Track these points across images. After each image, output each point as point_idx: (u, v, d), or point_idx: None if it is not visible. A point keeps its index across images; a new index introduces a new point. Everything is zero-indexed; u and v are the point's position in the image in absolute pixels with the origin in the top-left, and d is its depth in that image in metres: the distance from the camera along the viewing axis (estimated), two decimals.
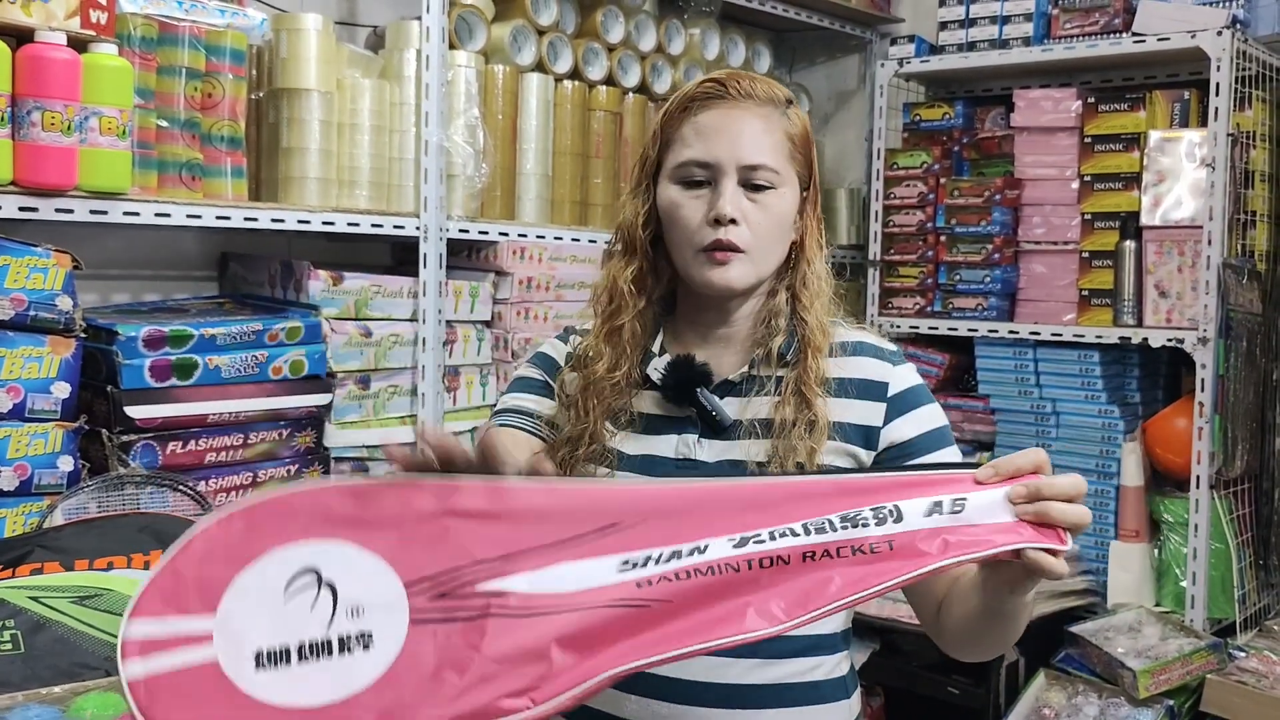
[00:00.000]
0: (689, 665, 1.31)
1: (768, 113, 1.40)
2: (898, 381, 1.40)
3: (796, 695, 1.36)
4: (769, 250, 1.40)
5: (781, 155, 1.39)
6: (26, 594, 1.61)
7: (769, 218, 1.38)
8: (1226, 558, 2.77)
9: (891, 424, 1.38)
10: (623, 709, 1.35)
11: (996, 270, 3.08)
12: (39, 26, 1.85)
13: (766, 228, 1.38)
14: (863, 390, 1.39)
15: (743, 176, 1.37)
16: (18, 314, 1.88)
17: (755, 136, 1.38)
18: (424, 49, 2.42)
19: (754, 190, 1.38)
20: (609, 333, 1.44)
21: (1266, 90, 2.89)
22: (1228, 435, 2.77)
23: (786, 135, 1.40)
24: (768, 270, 1.42)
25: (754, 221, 1.37)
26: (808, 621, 1.02)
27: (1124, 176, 2.92)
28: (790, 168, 1.40)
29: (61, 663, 1.53)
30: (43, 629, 1.57)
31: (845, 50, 3.63)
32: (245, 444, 2.18)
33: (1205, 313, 2.75)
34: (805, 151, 1.44)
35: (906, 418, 1.39)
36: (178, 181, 2.11)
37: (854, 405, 1.38)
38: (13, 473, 1.88)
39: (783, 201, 1.39)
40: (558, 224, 2.75)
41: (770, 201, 1.38)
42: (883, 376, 1.40)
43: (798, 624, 1.01)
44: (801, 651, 1.36)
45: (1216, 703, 2.53)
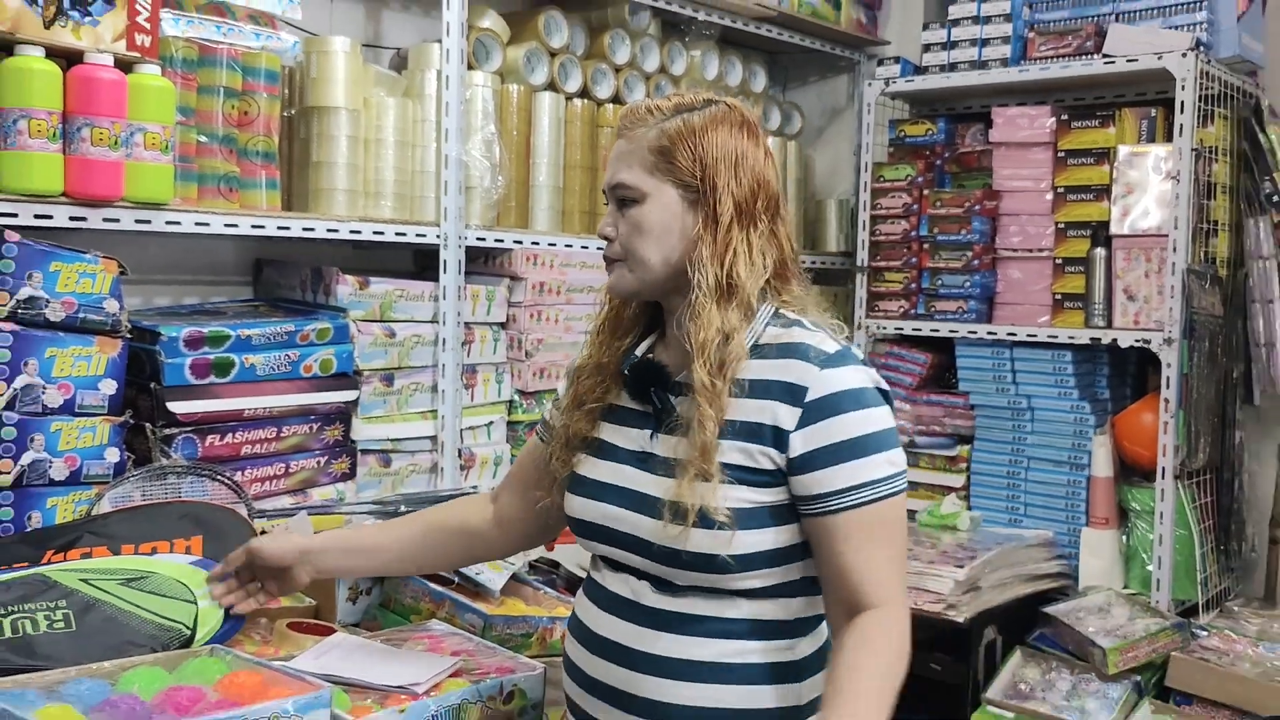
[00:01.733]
0: (621, 628, 1.40)
1: (637, 134, 1.42)
2: (819, 387, 1.32)
3: (732, 674, 1.36)
4: (642, 257, 1.41)
5: (641, 169, 1.40)
6: (77, 576, 1.61)
7: (632, 229, 1.41)
8: (1190, 543, 2.78)
9: (800, 432, 1.32)
10: (594, 669, 1.43)
11: (976, 276, 3.09)
12: (88, 49, 1.85)
13: (631, 238, 1.41)
14: (782, 393, 1.34)
15: (612, 197, 1.44)
16: (68, 316, 1.88)
17: (617, 159, 1.44)
18: (444, 70, 2.42)
19: (622, 206, 1.42)
20: (594, 330, 1.54)
21: (1227, 108, 2.90)
22: (1191, 429, 2.78)
23: (649, 149, 1.40)
24: (650, 276, 1.42)
25: (621, 234, 1.42)
26: None
27: (1095, 188, 2.93)
28: (655, 179, 1.40)
29: (110, 640, 1.53)
30: (92, 609, 1.57)
31: (835, 71, 3.63)
32: (278, 437, 2.18)
33: (1170, 315, 2.76)
34: (685, 155, 1.38)
35: (816, 428, 1.32)
36: (216, 193, 2.11)
37: (769, 406, 1.34)
38: (63, 463, 1.88)
39: (648, 212, 1.40)
40: (568, 232, 2.75)
41: (633, 214, 1.41)
42: (803, 380, 1.33)
43: None
44: (741, 635, 1.37)
45: (1180, 679, 2.53)
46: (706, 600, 1.36)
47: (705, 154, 1.38)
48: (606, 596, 1.43)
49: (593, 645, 1.43)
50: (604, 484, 1.43)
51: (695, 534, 1.31)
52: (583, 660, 1.44)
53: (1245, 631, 2.67)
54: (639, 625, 1.38)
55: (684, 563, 1.33)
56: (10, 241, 1.82)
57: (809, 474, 1.32)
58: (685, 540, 1.31)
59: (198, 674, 1.46)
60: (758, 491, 1.34)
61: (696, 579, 1.35)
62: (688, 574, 1.35)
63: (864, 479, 1.32)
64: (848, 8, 3.38)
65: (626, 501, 1.40)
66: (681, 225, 1.40)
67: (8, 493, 1.83)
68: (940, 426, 3.16)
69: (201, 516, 1.82)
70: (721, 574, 1.33)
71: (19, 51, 1.79)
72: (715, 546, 1.31)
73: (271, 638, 1.78)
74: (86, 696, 1.37)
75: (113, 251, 1.95)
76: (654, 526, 1.34)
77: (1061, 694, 2.56)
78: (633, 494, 1.39)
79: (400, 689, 1.56)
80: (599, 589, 1.45)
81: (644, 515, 1.37)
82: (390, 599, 2.01)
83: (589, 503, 1.44)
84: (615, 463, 1.44)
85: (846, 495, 1.32)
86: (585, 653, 1.44)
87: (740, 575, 1.33)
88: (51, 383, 1.86)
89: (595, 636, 1.43)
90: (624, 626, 1.39)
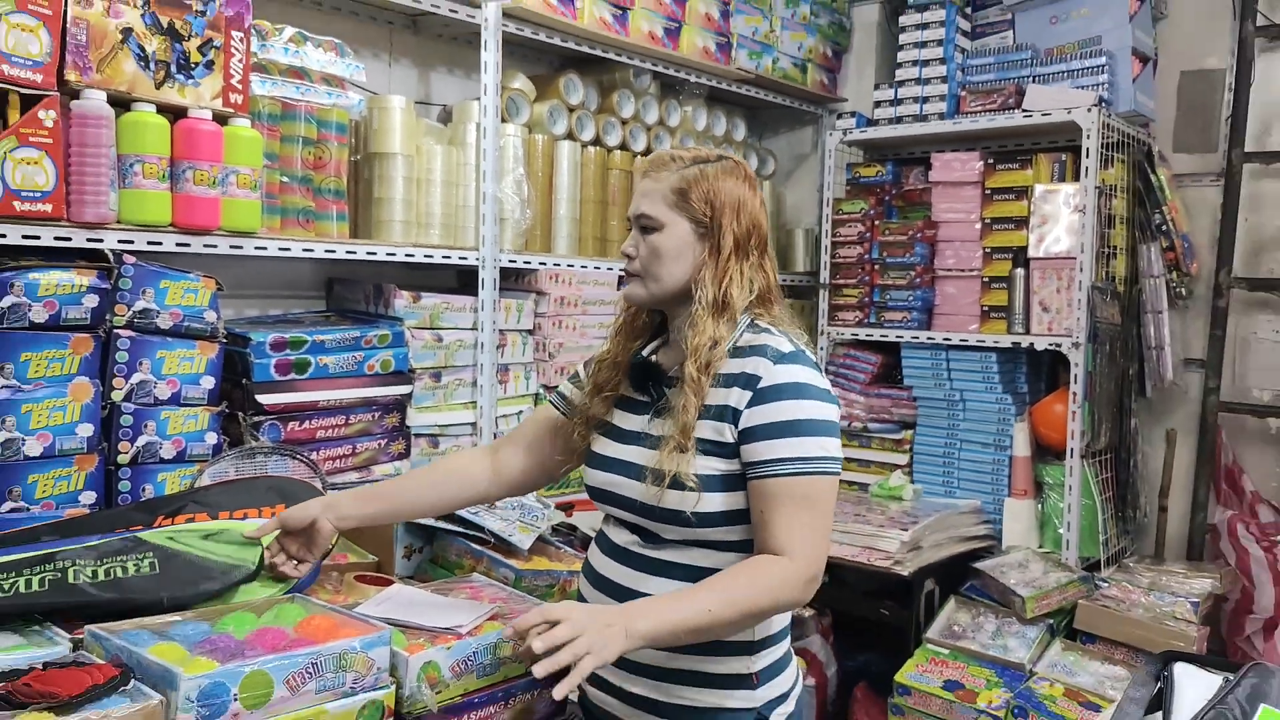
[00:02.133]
0: (620, 571, 1.46)
1: (661, 175, 1.46)
2: (770, 377, 1.36)
3: (701, 680, 1.40)
4: (657, 274, 1.45)
5: (663, 204, 1.44)
6: (165, 535, 1.61)
7: (650, 251, 1.45)
8: (1093, 511, 2.79)
9: (749, 410, 1.35)
10: (591, 598, 1.50)
11: (918, 291, 3.09)
12: (191, 105, 1.86)
13: (649, 258, 1.45)
14: (743, 382, 1.37)
15: (636, 224, 1.47)
16: (175, 324, 1.89)
17: (643, 195, 1.46)
18: (482, 122, 2.43)
19: (643, 232, 1.46)
20: (614, 329, 1.58)
21: (1124, 153, 2.90)
22: (1094, 417, 2.78)
23: (672, 189, 1.43)
24: (662, 290, 1.45)
25: (641, 254, 1.46)
26: None
27: (1015, 219, 2.93)
28: (673, 212, 1.43)
29: (186, 576, 1.52)
30: (174, 557, 1.55)
31: (802, 123, 3.63)
32: (346, 423, 2.19)
33: (1077, 324, 2.76)
34: (699, 198, 1.42)
35: (762, 408, 1.35)
36: (295, 223, 2.12)
37: (733, 393, 1.37)
38: (171, 445, 1.89)
39: (665, 239, 1.44)
40: (584, 255, 2.76)
41: (652, 239, 1.45)
42: (758, 371, 1.37)
43: None
44: (709, 651, 1.39)
45: (1086, 621, 2.54)
46: (680, 550, 1.41)
47: (715, 198, 1.42)
48: (610, 546, 1.50)
49: (599, 585, 1.50)
50: (612, 458, 1.49)
51: (669, 494, 1.37)
52: (590, 596, 1.51)
53: (1139, 583, 2.67)
54: (633, 569, 1.45)
55: (659, 517, 1.40)
56: (129, 264, 1.82)
57: (752, 444, 1.35)
58: (660, 499, 1.37)
59: (281, 618, 1.47)
60: (721, 462, 1.37)
61: (671, 531, 1.41)
62: (663, 526, 1.41)
63: (796, 454, 1.33)
64: (813, 71, 3.38)
65: (626, 471, 1.45)
66: (691, 252, 1.43)
67: (126, 469, 1.84)
68: (889, 415, 3.17)
69: (284, 488, 1.82)
70: (687, 527, 1.38)
71: (135, 108, 1.81)
72: (683, 504, 1.37)
73: (341, 588, 1.78)
74: (190, 636, 1.37)
75: (211, 272, 1.96)
76: (640, 489, 1.41)
77: (988, 634, 2.56)
78: (630, 465, 1.45)
79: (446, 630, 1.56)
80: (606, 540, 1.51)
81: (634, 480, 1.43)
82: (438, 556, 2.01)
83: (600, 473, 1.50)
84: (622, 442, 1.49)
85: (780, 465, 1.34)
86: (593, 590, 1.51)
87: (703, 530, 1.38)
88: (162, 379, 1.87)
89: (601, 577, 1.49)
90: (621, 570, 1.46)
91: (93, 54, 1.73)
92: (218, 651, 1.32)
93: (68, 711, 1.13)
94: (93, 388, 1.78)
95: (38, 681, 1.16)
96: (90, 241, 1.76)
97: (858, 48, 3.52)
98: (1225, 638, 2.81)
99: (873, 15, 3.47)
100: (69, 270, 1.74)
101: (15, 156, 1.63)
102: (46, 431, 1.73)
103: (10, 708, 1.14)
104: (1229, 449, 2.96)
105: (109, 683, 1.18)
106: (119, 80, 1.77)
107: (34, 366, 1.71)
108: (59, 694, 1.14)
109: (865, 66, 3.50)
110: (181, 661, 1.25)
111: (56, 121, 1.67)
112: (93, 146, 1.72)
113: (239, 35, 1.92)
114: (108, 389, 1.81)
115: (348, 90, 2.23)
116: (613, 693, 1.49)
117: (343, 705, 1.35)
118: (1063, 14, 2.98)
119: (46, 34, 1.67)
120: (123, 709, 1.16)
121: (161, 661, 1.24)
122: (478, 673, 1.55)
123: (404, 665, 1.45)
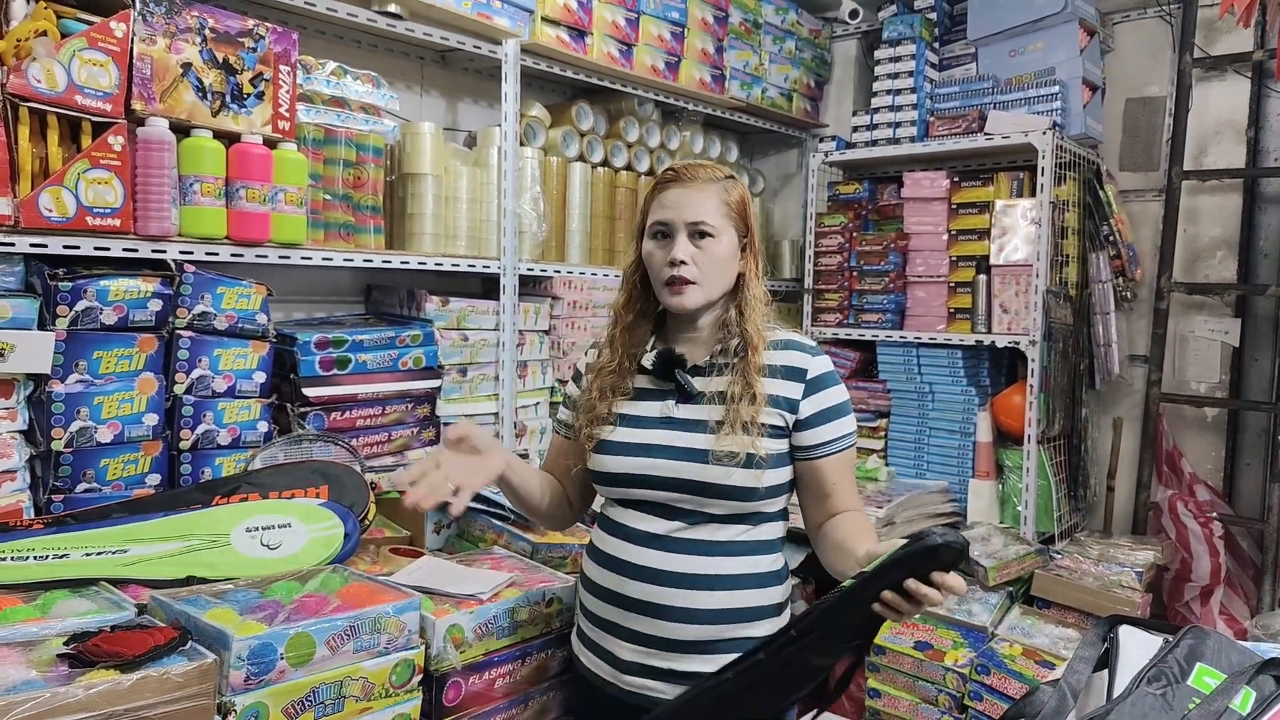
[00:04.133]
0: (653, 556, 1.36)
1: (707, 187, 1.40)
2: (814, 369, 1.39)
3: (744, 582, 1.36)
4: (714, 279, 1.40)
5: (718, 214, 1.40)
6: None
7: (709, 257, 1.39)
8: (1048, 491, 2.77)
9: (807, 399, 1.38)
10: (626, 589, 1.38)
11: (891, 295, 3.07)
12: (244, 131, 1.86)
13: (708, 263, 1.39)
14: (789, 374, 1.38)
15: (690, 230, 1.38)
16: (230, 326, 1.89)
17: (699, 202, 1.39)
18: (503, 146, 2.42)
19: (699, 238, 1.39)
20: (609, 339, 1.50)
21: (1076, 171, 2.88)
22: (1049, 407, 2.76)
23: (722, 201, 1.40)
24: (716, 293, 1.41)
25: (700, 260, 1.39)
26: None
27: (978, 231, 2.91)
28: (726, 223, 1.40)
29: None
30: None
31: (788, 145, 3.62)
32: (383, 414, 2.19)
33: (1034, 324, 2.74)
34: (741, 212, 1.42)
35: (815, 396, 1.38)
36: (337, 236, 2.12)
37: (782, 384, 1.37)
38: (227, 433, 1.89)
39: (720, 245, 1.39)
40: (594, 264, 2.75)
41: (710, 246, 1.39)
42: (803, 365, 1.39)
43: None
44: (750, 552, 1.37)
45: (1042, 589, 2.53)
46: (725, 527, 1.36)
47: (747, 210, 1.43)
48: (637, 533, 1.39)
49: (625, 570, 1.38)
50: (636, 444, 1.40)
51: (737, 472, 1.33)
52: (613, 583, 1.40)
53: (1089, 555, 2.65)
54: (669, 552, 1.36)
55: (725, 494, 1.34)
56: (189, 272, 1.82)
57: (814, 429, 1.38)
58: (729, 477, 1.33)
59: (323, 585, 1.47)
60: (779, 442, 1.37)
61: (731, 507, 1.35)
62: (725, 503, 1.35)
63: (846, 431, 1.40)
64: (797, 100, 3.36)
65: (667, 453, 1.37)
66: (736, 258, 1.42)
67: (187, 454, 1.85)
68: (866, 405, 3.15)
69: (327, 471, 1.83)
70: (749, 502, 1.35)
71: (194, 134, 1.80)
72: (751, 481, 1.34)
73: (379, 559, 1.78)
74: (242, 601, 1.37)
75: (262, 279, 1.97)
76: (700, 469, 1.34)
77: (954, 600, 2.55)
78: (672, 448, 1.37)
79: (470, 596, 1.56)
80: (626, 529, 1.40)
81: (688, 462, 1.35)
82: (464, 530, 2.01)
83: (623, 459, 1.40)
84: (643, 428, 1.41)
85: (838, 443, 1.39)
86: (616, 577, 1.39)
87: (763, 503, 1.37)
88: (218, 374, 1.87)
89: (626, 563, 1.38)
90: (656, 554, 1.36)
91: (156, 86, 1.73)
92: (266, 614, 1.32)
93: (132, 669, 1.13)
94: (157, 382, 1.78)
95: (106, 643, 1.16)
96: (154, 252, 1.76)
97: (838, 79, 3.49)
98: (1166, 603, 2.79)
99: (851, 50, 3.45)
100: (136, 278, 1.75)
101: (88, 177, 1.63)
102: (116, 421, 1.73)
103: (82, 665, 1.14)
104: (1169, 435, 2.94)
105: (169, 643, 1.18)
106: (180, 109, 1.76)
107: (105, 363, 1.71)
108: (124, 653, 1.14)
109: (844, 95, 3.48)
110: (234, 624, 1.25)
111: (124, 146, 1.67)
112: (156, 168, 1.72)
113: (286, 69, 1.91)
114: (170, 383, 1.81)
115: (383, 117, 2.23)
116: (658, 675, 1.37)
117: (377, 664, 1.35)
118: (1020, 48, 2.96)
119: (115, 68, 1.66)
120: (181, 667, 1.15)
121: (216, 624, 1.24)
122: (497, 634, 1.55)
123: (432, 628, 1.45)
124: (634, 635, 1.37)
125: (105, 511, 1.63)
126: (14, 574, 1.41)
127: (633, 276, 1.49)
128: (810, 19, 3.38)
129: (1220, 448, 2.90)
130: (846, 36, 3.45)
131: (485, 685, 1.52)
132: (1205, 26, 2.87)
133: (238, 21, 1.84)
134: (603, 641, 1.41)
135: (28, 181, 1.58)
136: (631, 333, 1.48)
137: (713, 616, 1.34)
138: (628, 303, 1.49)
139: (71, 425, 1.67)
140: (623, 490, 1.42)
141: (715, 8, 2.96)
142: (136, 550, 1.51)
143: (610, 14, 2.62)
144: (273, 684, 1.23)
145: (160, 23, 1.73)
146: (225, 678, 1.20)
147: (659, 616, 1.35)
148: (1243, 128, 2.86)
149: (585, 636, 1.47)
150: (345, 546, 1.63)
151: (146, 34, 1.71)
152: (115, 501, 1.68)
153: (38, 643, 1.20)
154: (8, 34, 1.55)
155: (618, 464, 1.41)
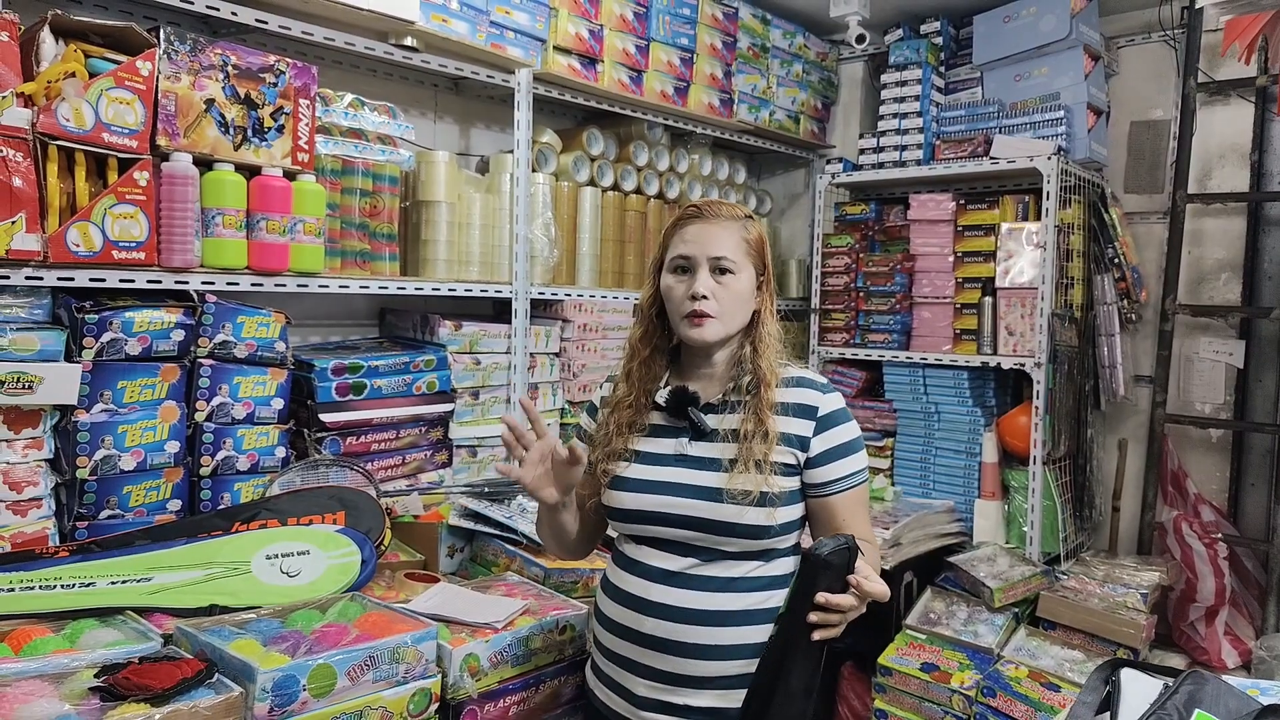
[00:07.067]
0: (670, 593, 1.36)
1: (728, 224, 1.43)
2: (825, 406, 1.40)
3: (754, 618, 1.36)
4: (733, 314, 1.41)
5: (739, 251, 1.42)
6: None
7: (730, 292, 1.41)
8: (1054, 511, 2.78)
9: (817, 436, 1.39)
10: (643, 625, 1.38)
11: (898, 316, 3.09)
12: (264, 164, 1.89)
13: (728, 298, 1.40)
14: (800, 411, 1.39)
15: (711, 265, 1.40)
16: (250, 354, 1.92)
17: (720, 239, 1.41)
18: (515, 173, 2.45)
19: (720, 274, 1.40)
20: (625, 373, 1.51)
21: (1081, 194, 2.90)
22: (1054, 428, 2.78)
23: (742, 239, 1.43)
24: (734, 328, 1.42)
25: (720, 295, 1.40)
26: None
27: (984, 253, 2.93)
28: (745, 260, 1.42)
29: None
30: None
31: (796, 166, 3.64)
32: (397, 437, 2.21)
33: (1040, 346, 2.76)
34: (759, 250, 1.44)
35: (826, 434, 1.39)
36: (354, 264, 2.15)
37: (793, 421, 1.38)
38: (246, 459, 1.92)
39: (740, 281, 1.41)
40: (604, 287, 2.77)
41: (730, 281, 1.41)
42: (814, 402, 1.40)
43: None
44: (764, 587, 1.37)
45: (1047, 610, 2.54)
46: (736, 564, 1.36)
47: (765, 249, 1.46)
48: (653, 570, 1.39)
49: (641, 607, 1.38)
50: (651, 480, 1.40)
51: (750, 511, 1.33)
52: (629, 619, 1.39)
53: (1094, 575, 2.67)
54: (684, 589, 1.36)
55: (738, 532, 1.34)
56: (210, 302, 1.86)
57: (824, 466, 1.38)
58: (742, 515, 1.34)
59: (342, 614, 1.49)
60: (791, 479, 1.38)
61: (735, 544, 1.35)
62: (738, 541, 1.35)
63: (857, 468, 1.41)
64: (805, 122, 3.39)
65: (681, 491, 1.37)
66: (753, 295, 1.44)
67: (208, 480, 1.87)
68: (872, 425, 3.17)
69: (344, 497, 1.85)
70: (762, 539, 1.35)
71: (217, 167, 1.84)
72: (765, 519, 1.34)
73: (393, 584, 1.80)
74: (265, 631, 1.40)
75: (281, 307, 2.00)
76: (713, 507, 1.34)
77: (960, 620, 2.56)
78: (686, 486, 1.37)
79: (485, 625, 1.58)
80: (642, 565, 1.40)
81: (702, 500, 1.35)
82: (477, 555, 2.03)
83: (639, 495, 1.40)
84: (658, 465, 1.41)
85: (848, 480, 1.40)
86: (631, 613, 1.39)
87: (774, 540, 1.37)
88: (238, 401, 1.90)
89: (642, 600, 1.38)
90: (672, 591, 1.36)
91: (180, 122, 1.76)
92: (288, 645, 1.35)
93: (162, 703, 1.16)
94: (179, 410, 1.81)
95: (135, 675, 1.19)
96: (177, 284, 1.79)
97: (844, 101, 3.52)
98: (1171, 624, 2.80)
99: (858, 73, 3.48)
100: (159, 309, 1.78)
101: (114, 212, 1.67)
102: (139, 449, 1.76)
103: (113, 698, 1.16)
104: (1174, 456, 2.95)
105: (196, 675, 1.21)
106: (203, 144, 1.80)
107: (129, 393, 1.75)
108: (153, 686, 1.17)
109: (851, 118, 3.50)
110: (257, 656, 1.28)
111: (149, 181, 1.71)
112: (180, 202, 1.76)
113: (305, 103, 1.95)
114: (191, 411, 1.84)
115: (399, 147, 2.26)
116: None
117: (396, 693, 1.37)
118: (1025, 73, 2.99)
119: (141, 106, 1.70)
120: (209, 700, 1.18)
121: (241, 656, 1.26)
122: (512, 662, 1.57)
123: (448, 657, 1.48)
124: (650, 671, 1.37)
125: (129, 539, 1.66)
126: (43, 603, 1.44)
127: (649, 311, 1.49)
128: (817, 42, 3.41)
129: (1225, 468, 2.91)
130: (853, 59, 3.48)
131: (500, 713, 1.54)
132: (1209, 51, 2.89)
133: (259, 57, 1.87)
134: (618, 677, 1.42)
135: (56, 217, 1.61)
136: (647, 368, 1.48)
137: (728, 652, 1.35)
138: (644, 337, 1.50)
139: (96, 454, 1.70)
140: (637, 527, 1.42)
141: (724, 33, 2.99)
142: (160, 578, 1.54)
143: (621, 42, 2.66)
144: (295, 715, 1.26)
145: (185, 60, 1.76)
146: (250, 710, 1.22)
147: (675, 653, 1.35)
148: (1246, 151, 2.88)
149: (600, 671, 1.47)
150: (362, 574, 1.65)
151: (171, 71, 1.74)
152: (138, 528, 1.71)
153: (68, 675, 1.23)
154: (39, 75, 1.58)
155: (633, 500, 1.41)
